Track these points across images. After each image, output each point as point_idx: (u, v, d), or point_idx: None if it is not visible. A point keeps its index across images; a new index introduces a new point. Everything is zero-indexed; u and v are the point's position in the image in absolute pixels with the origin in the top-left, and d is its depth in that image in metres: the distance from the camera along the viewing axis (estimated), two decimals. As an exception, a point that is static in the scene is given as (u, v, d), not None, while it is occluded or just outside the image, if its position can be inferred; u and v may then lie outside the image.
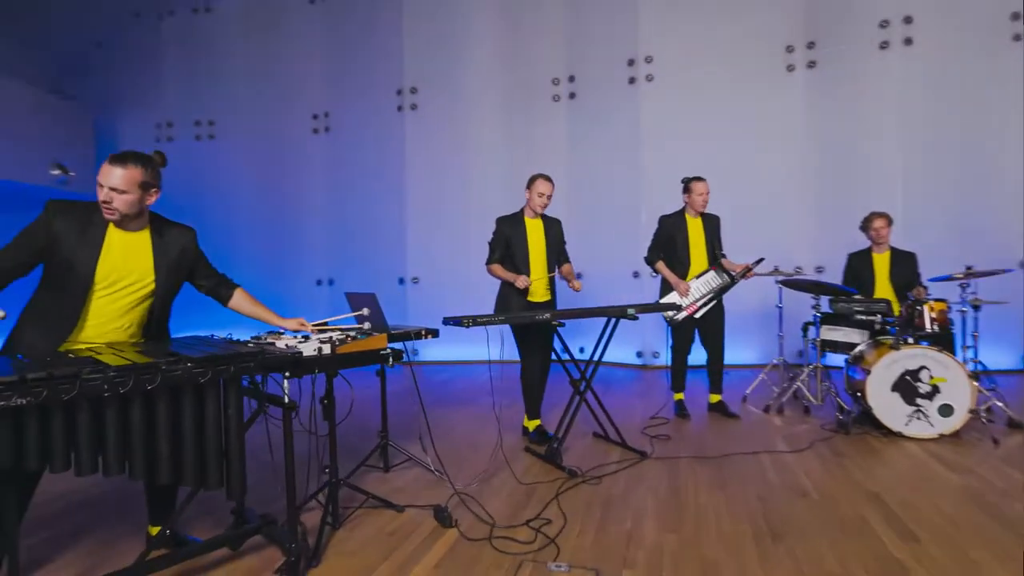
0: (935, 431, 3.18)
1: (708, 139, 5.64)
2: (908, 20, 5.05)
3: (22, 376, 1.34)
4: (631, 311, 3.10)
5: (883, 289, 4.01)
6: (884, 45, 5.12)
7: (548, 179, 3.26)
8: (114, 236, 1.82)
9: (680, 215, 3.84)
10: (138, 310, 1.91)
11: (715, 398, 3.91)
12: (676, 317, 3.71)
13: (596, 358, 3.19)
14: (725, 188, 5.54)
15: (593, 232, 5.96)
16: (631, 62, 5.80)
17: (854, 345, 3.64)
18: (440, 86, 6.42)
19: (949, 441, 3.17)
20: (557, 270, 3.47)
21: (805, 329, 3.90)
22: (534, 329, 3.23)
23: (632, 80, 5.80)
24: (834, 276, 4.73)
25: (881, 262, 4.06)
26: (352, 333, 2.15)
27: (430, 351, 6.38)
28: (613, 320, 3.17)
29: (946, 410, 3.17)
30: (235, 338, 2.07)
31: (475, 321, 2.62)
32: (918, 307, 3.41)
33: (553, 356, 3.33)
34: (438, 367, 6.14)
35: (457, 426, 3.78)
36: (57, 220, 1.75)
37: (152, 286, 1.90)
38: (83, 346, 1.79)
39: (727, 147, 5.62)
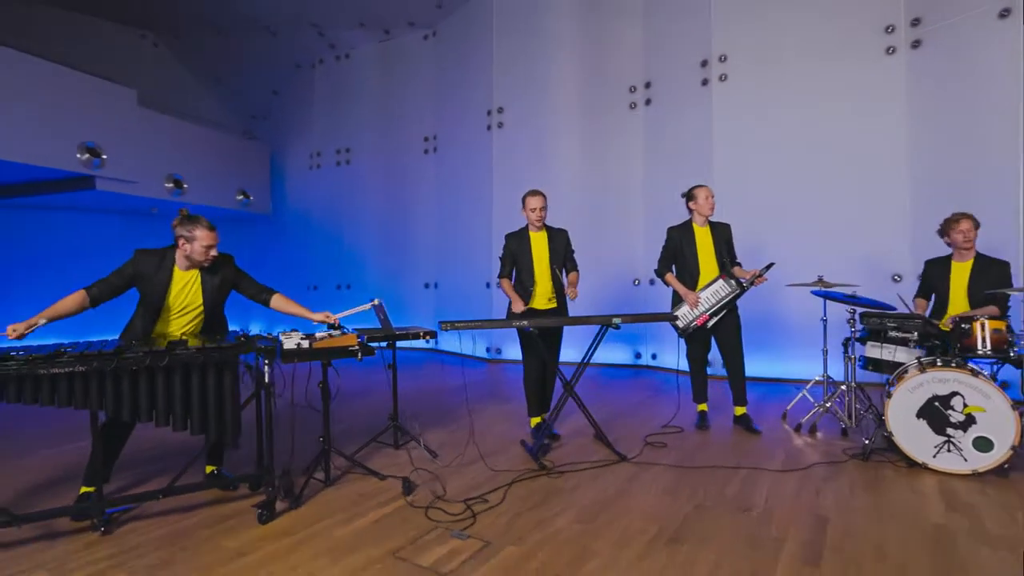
0: (969, 466, 2.79)
1: (790, 138, 5.29)
2: (1035, -20, 4.21)
3: (83, 352, 2.15)
4: (616, 320, 3.26)
5: (959, 303, 3.52)
6: (1005, 13, 4.33)
7: (537, 193, 3.55)
8: (176, 276, 2.64)
9: (687, 225, 3.81)
10: (199, 319, 2.73)
11: (739, 411, 3.79)
12: (688, 327, 3.69)
13: (584, 362, 3.40)
14: (808, 193, 5.19)
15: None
16: (704, 63, 5.66)
17: (899, 364, 3.28)
18: (524, 104, 6.88)
19: (983, 479, 2.76)
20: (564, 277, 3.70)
21: (845, 345, 3.58)
22: (531, 334, 3.53)
23: (705, 82, 5.66)
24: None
25: (960, 272, 3.56)
26: (333, 332, 2.74)
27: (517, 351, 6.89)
28: (602, 328, 3.35)
29: (983, 444, 2.76)
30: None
31: (453, 325, 3.05)
32: (964, 324, 2.99)
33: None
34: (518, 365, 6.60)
35: (485, 418, 4.22)
36: (139, 263, 2.59)
37: (201, 308, 2.71)
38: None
39: (813, 147, 5.22)
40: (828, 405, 3.63)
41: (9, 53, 5.95)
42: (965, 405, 2.81)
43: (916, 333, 3.13)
